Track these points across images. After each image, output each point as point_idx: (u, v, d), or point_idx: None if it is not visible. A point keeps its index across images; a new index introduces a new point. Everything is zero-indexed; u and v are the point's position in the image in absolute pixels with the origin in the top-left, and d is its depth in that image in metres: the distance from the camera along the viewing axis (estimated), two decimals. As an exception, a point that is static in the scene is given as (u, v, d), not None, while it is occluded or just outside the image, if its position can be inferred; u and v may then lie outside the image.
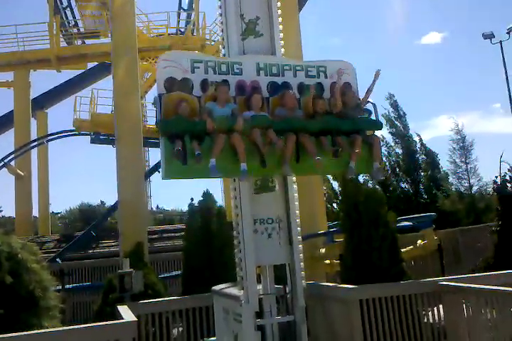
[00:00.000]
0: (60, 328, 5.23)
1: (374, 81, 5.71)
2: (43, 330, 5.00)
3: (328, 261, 12.12)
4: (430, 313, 6.93)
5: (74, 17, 23.99)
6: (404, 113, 23.45)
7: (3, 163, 20.36)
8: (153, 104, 5.43)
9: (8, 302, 5.24)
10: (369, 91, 5.71)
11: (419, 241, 12.18)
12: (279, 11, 5.79)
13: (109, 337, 4.95)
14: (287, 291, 5.58)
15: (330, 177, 22.50)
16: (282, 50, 5.74)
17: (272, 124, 5.08)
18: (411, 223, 12.48)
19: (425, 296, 6.89)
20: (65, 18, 23.41)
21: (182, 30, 22.36)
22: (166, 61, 5.12)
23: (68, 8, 23.80)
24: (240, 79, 5.31)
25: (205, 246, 8.12)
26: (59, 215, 37.16)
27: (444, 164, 22.83)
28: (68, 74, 25.60)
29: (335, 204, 23.02)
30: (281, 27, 5.76)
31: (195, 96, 5.13)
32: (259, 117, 5.09)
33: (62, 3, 23.32)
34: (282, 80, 5.47)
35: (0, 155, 20.92)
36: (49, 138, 22.84)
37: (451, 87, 65.04)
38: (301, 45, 13.44)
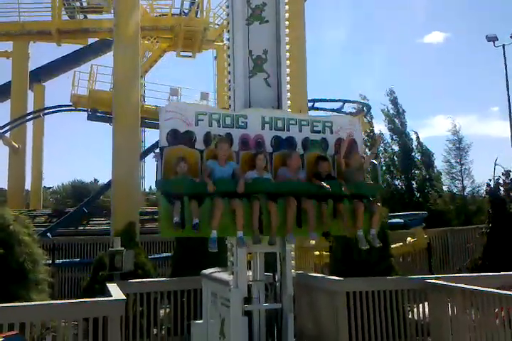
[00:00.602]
0: (49, 302, 5.25)
1: (376, 145, 5.73)
2: (32, 303, 5.02)
3: (317, 253, 12.21)
4: (415, 310, 7.02)
5: (77, -10, 23.59)
6: (403, 110, 23.48)
7: (-2, 133, 20.20)
8: (153, 157, 5.37)
9: (-3, 273, 5.24)
10: (372, 154, 5.71)
11: (408, 239, 12.31)
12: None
13: (97, 313, 4.98)
14: (276, 279, 5.62)
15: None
16: (289, 102, 5.58)
17: (273, 188, 4.99)
18: (402, 220, 12.60)
19: (411, 293, 6.97)
20: (67, -9, 23.02)
21: (186, 11, 22.05)
22: (170, 112, 5.01)
23: (72, -18, 23.38)
24: (244, 132, 5.21)
25: (198, 229, 8.13)
26: (51, 190, 37.04)
27: (439, 164, 22.94)
28: (68, 48, 25.34)
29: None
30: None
31: (198, 149, 5.04)
32: (262, 181, 4.98)
33: (65, -24, 22.90)
34: (287, 135, 5.36)
35: (-5, 126, 20.75)
36: (45, 111, 22.64)
37: (451, 88, 64.95)
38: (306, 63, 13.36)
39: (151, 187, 34.61)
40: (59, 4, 21.17)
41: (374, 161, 5.88)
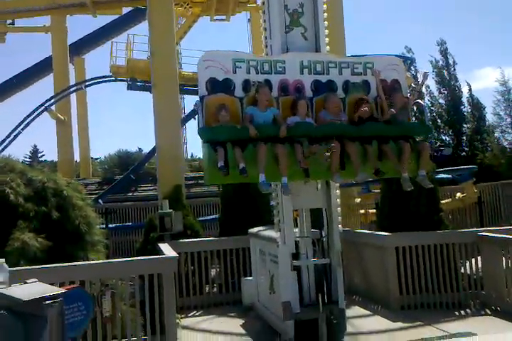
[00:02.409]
0: (106, 260, 5.48)
1: (422, 81, 5.45)
2: (90, 262, 5.25)
3: (362, 211, 12.12)
4: (468, 264, 6.89)
5: (110, -40, 23.33)
6: (454, 61, 22.19)
7: (44, 107, 20.72)
8: (194, 106, 5.30)
9: (55, 236, 5.47)
10: (416, 92, 5.45)
11: (458, 194, 11.99)
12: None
13: (152, 270, 5.16)
14: (323, 235, 5.63)
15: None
16: (327, 39, 5.43)
17: (315, 132, 4.91)
18: (450, 175, 12.23)
19: (463, 246, 6.83)
20: (100, -39, 22.81)
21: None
22: (208, 61, 4.97)
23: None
24: (282, 78, 5.10)
25: (242, 190, 8.21)
26: (98, 161, 38.18)
27: (489, 117, 21.89)
28: (104, 20, 25.35)
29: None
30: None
31: (237, 97, 5.00)
32: (304, 125, 4.92)
33: None
34: (327, 78, 5.23)
35: (41, 100, 21.31)
36: (87, 83, 22.95)
37: (498, 38, 61.24)
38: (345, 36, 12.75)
39: (192, 154, 35.05)
40: (92, -25, 21.06)
41: (420, 101, 5.67)
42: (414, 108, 5.78)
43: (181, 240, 7.38)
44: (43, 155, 44.83)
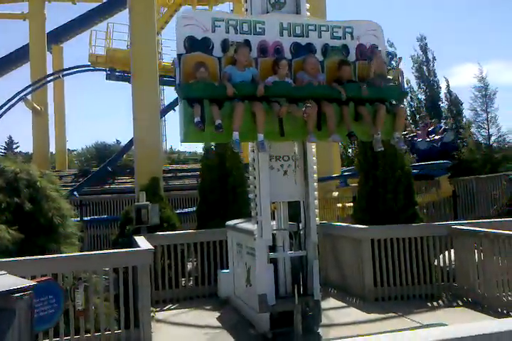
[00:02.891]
0: (80, 253, 5.40)
1: (398, 64, 5.54)
2: (62, 255, 5.17)
3: (340, 205, 12.23)
4: (441, 256, 7.00)
5: None
6: (434, 57, 22.48)
7: (19, 96, 20.29)
8: (171, 64, 5.23)
9: (27, 228, 5.37)
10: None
11: (433, 188, 12.18)
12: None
13: (127, 262, 5.12)
14: (300, 228, 5.65)
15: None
16: (307, 5, 5.43)
17: (293, 92, 4.93)
18: (426, 169, 12.41)
19: (437, 239, 6.94)
20: None
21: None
22: (186, 19, 4.92)
23: None
24: (262, 39, 5.09)
25: (220, 182, 8.20)
26: (75, 153, 37.65)
27: (466, 113, 22.25)
28: (84, 7, 24.88)
29: (350, 150, 22.85)
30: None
31: (216, 57, 4.96)
32: (281, 84, 4.92)
33: None
34: (306, 41, 5.24)
35: (16, 89, 20.87)
36: (65, 72, 22.56)
37: (477, 35, 62.21)
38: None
39: (172, 147, 34.83)
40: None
41: (398, 68, 5.70)
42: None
43: (157, 233, 7.32)
44: (18, 146, 43.88)
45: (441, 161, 12.61)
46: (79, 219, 10.49)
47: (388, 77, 5.45)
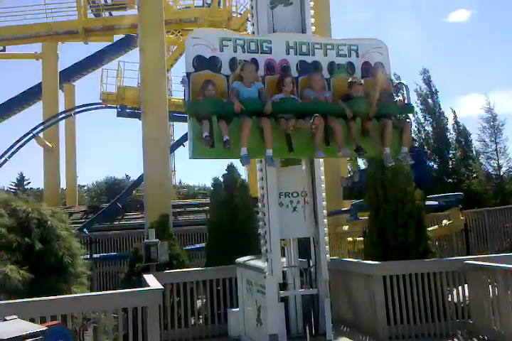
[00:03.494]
0: (89, 293, 5.37)
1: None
2: (72, 295, 5.15)
3: (350, 239, 12.10)
4: (454, 292, 6.86)
5: (101, -12, 23.82)
6: (436, 90, 22.80)
7: (32, 134, 20.70)
8: (181, 82, 5.39)
9: (38, 267, 5.39)
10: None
11: (444, 221, 12.03)
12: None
13: (136, 303, 5.07)
14: (311, 264, 5.60)
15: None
16: (312, 19, 5.61)
17: (300, 107, 5.04)
18: (437, 202, 12.31)
19: (450, 275, 6.82)
20: (92, -10, 23.28)
21: (208, 2, 22.01)
22: (195, 39, 5.09)
23: (96, -21, 23.61)
24: (269, 58, 5.24)
25: (229, 218, 8.18)
26: (85, 188, 37.90)
27: (474, 143, 22.29)
28: (95, 46, 25.68)
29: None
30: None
31: (224, 75, 5.10)
32: (289, 100, 5.03)
33: (89, -26, 23.14)
34: (312, 59, 5.37)
35: (29, 127, 21.28)
36: (76, 110, 23.09)
37: (481, 66, 63.15)
38: (330, 19, 13.17)
39: (180, 181, 35.00)
40: (84, 3, 21.45)
41: (402, 82, 5.78)
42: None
43: (166, 271, 7.27)
44: (29, 182, 44.23)
45: (454, 193, 12.51)
46: (88, 256, 10.46)
47: (393, 94, 5.52)
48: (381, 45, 5.69)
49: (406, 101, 5.57)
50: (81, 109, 23.02)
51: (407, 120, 5.56)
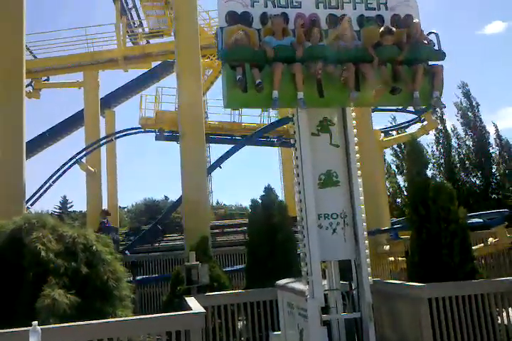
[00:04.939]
0: (134, 317, 5.46)
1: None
2: (117, 319, 5.24)
3: (392, 259, 11.85)
4: (504, 314, 6.60)
5: (139, 17, 24.77)
6: (477, 103, 22.38)
7: (75, 159, 21.42)
8: (214, 35, 5.64)
9: (84, 291, 5.52)
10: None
11: (490, 239, 11.66)
12: None
13: (179, 326, 5.11)
14: (353, 287, 5.51)
15: (396, 170, 21.78)
16: None
17: (330, 54, 5.13)
18: (481, 220, 11.96)
19: (499, 296, 6.57)
20: (130, 19, 24.22)
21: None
22: None
23: (133, 9, 24.59)
24: (299, 12, 5.38)
25: (268, 239, 8.18)
26: (126, 209, 38.72)
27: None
28: (134, 73, 26.55)
29: (399, 200, 22.40)
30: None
31: (255, 28, 5.28)
32: (318, 47, 5.15)
33: (127, 4, 24.12)
34: (342, 13, 5.46)
35: (71, 152, 22.07)
36: (117, 135, 23.77)
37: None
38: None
39: (218, 201, 35.29)
40: (123, 32, 22.31)
41: (433, 31, 5.70)
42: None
43: (208, 293, 7.32)
44: (72, 205, 45.65)
45: (499, 210, 12.13)
46: (131, 279, 10.64)
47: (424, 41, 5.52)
48: None
49: (437, 48, 5.59)
50: (121, 133, 23.72)
51: (439, 63, 5.49)
